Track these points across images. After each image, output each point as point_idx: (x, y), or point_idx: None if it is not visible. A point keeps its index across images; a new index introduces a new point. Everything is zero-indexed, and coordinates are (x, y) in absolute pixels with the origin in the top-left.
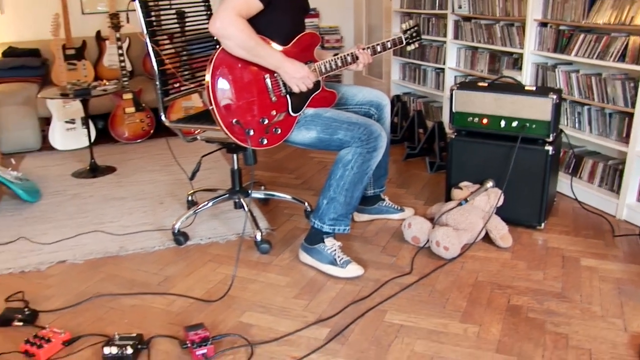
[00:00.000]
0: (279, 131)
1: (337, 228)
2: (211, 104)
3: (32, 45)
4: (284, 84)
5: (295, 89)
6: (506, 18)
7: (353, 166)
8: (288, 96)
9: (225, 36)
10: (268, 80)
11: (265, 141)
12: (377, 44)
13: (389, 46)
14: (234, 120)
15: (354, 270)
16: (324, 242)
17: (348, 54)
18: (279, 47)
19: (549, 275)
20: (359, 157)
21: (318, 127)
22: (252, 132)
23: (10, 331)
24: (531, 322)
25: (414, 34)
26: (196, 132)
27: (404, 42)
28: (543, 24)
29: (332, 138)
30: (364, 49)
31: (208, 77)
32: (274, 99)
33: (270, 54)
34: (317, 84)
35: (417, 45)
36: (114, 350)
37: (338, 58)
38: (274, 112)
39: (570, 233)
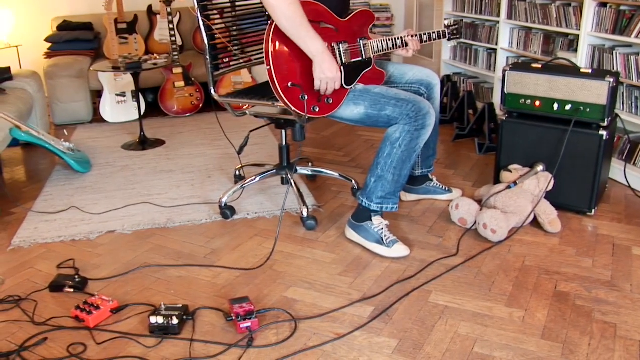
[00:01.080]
0: (331, 101)
1: (385, 206)
2: (268, 64)
3: (86, 19)
4: (340, 55)
5: (317, 84)
6: None
7: (401, 144)
8: (342, 68)
9: (274, 5)
10: None
11: (317, 109)
12: (424, 34)
13: (434, 37)
14: (290, 83)
15: (400, 250)
16: (371, 220)
17: (398, 37)
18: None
19: (598, 263)
20: (407, 134)
21: (366, 102)
22: (306, 98)
23: (62, 297)
24: (578, 309)
25: (455, 32)
26: (245, 107)
27: (447, 36)
28: (602, 4)
29: (380, 114)
30: (413, 35)
31: (269, 38)
32: None
33: (313, 38)
34: (368, 61)
35: (455, 44)
36: (160, 319)
37: (389, 39)
38: None
39: (622, 221)
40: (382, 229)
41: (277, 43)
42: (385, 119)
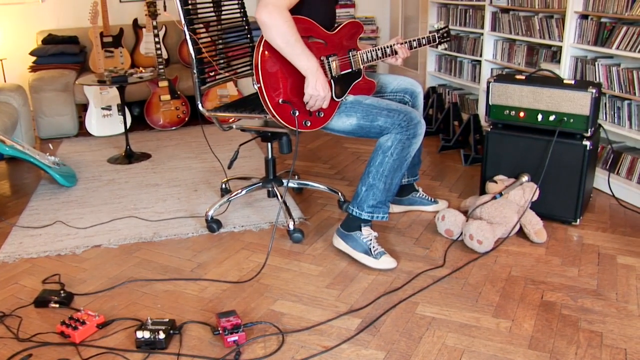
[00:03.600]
0: (322, 115)
1: (376, 215)
2: (258, 82)
3: (71, 33)
4: (330, 69)
5: (306, 98)
6: (545, 10)
7: (393, 152)
8: (332, 81)
9: (269, 25)
10: None
11: (309, 123)
12: (414, 40)
13: (424, 43)
14: (280, 100)
15: (387, 262)
16: (360, 230)
17: (387, 46)
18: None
19: (584, 272)
20: (398, 143)
21: (358, 113)
22: (297, 113)
23: (47, 312)
24: (565, 319)
25: (445, 34)
26: (231, 120)
27: (437, 40)
28: (584, 16)
29: (372, 125)
30: (402, 43)
31: (258, 56)
32: None
33: (307, 55)
34: (358, 72)
35: (446, 46)
36: (146, 334)
37: (378, 49)
38: None
39: (607, 230)
40: (371, 240)
41: (267, 61)
42: (378, 129)
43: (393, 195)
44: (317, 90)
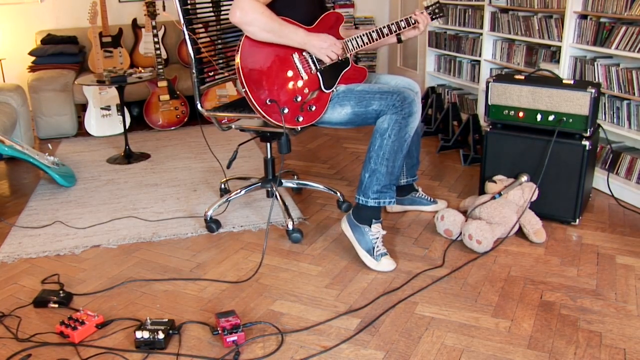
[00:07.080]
0: (314, 108)
1: (382, 201)
2: (243, 87)
3: (70, 33)
4: (314, 62)
5: (327, 60)
6: (545, 10)
7: (390, 134)
8: (319, 73)
9: (247, 22)
10: (296, 59)
11: (301, 119)
12: (400, 20)
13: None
14: (267, 100)
15: (386, 264)
16: (370, 226)
17: (398, 22)
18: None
19: (583, 272)
20: (395, 124)
21: (351, 101)
22: (286, 111)
23: (46, 312)
24: (564, 318)
25: (436, 11)
26: (229, 120)
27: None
28: (583, 16)
29: (367, 110)
30: (422, 11)
31: (238, 60)
32: (305, 77)
33: (294, 31)
34: (346, 61)
35: (440, 22)
36: (145, 334)
37: (364, 34)
38: (306, 90)
39: (606, 230)
40: (377, 238)
41: (247, 63)
42: (373, 114)
43: (397, 179)
44: (321, 48)
